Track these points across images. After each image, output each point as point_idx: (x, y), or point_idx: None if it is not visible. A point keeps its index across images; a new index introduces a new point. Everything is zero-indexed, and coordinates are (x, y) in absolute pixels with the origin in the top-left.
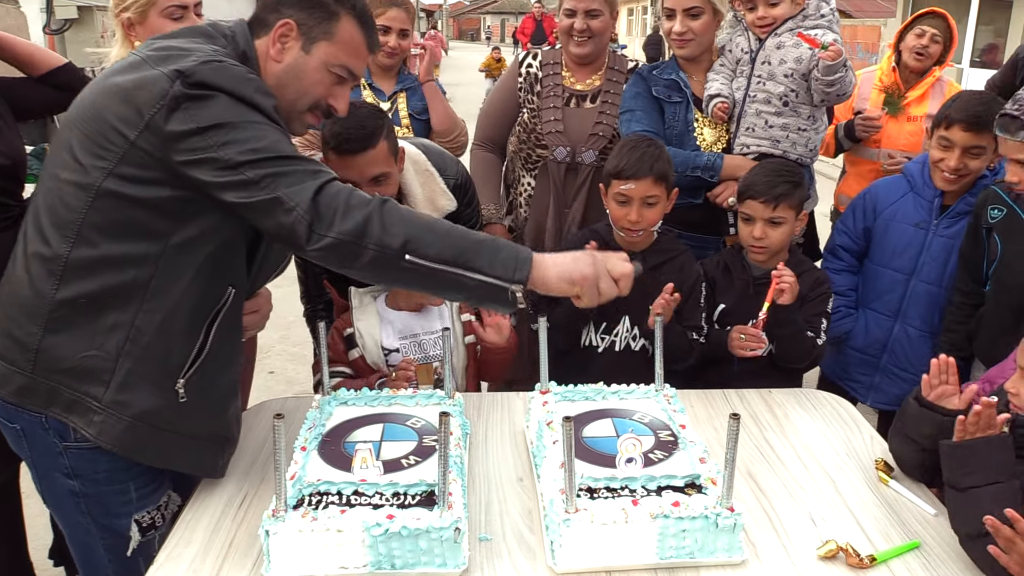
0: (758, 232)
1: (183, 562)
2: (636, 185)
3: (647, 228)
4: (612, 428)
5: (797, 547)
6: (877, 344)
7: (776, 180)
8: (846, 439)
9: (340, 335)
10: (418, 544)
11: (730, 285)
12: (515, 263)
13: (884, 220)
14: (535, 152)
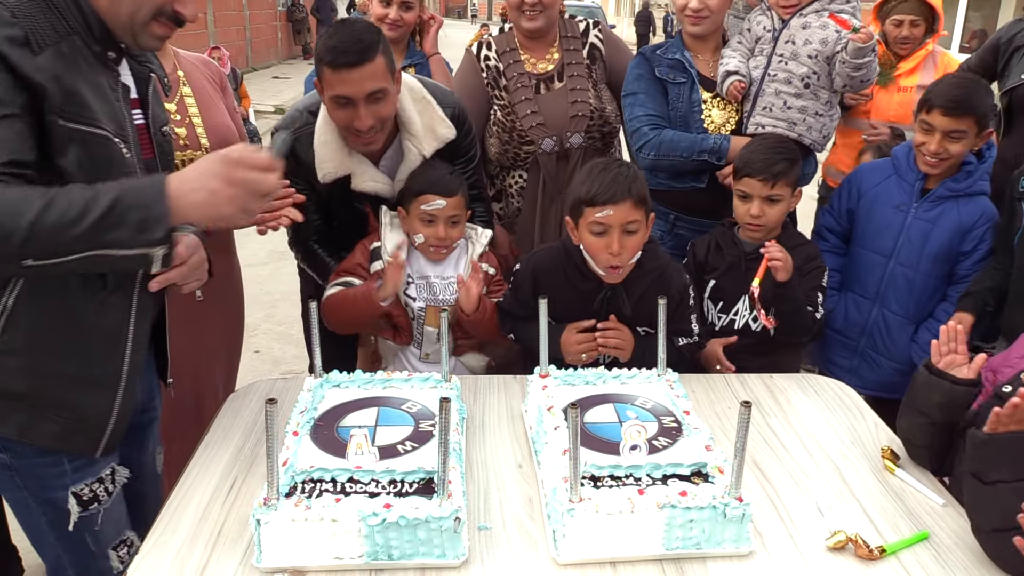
0: (755, 210)
1: (169, 550)
2: (614, 211)
3: (629, 260)
4: (614, 414)
5: (805, 538)
6: (856, 327)
7: (775, 157)
8: (850, 426)
9: (367, 249)
10: (416, 534)
11: (721, 261)
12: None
13: (867, 202)
14: (521, 150)
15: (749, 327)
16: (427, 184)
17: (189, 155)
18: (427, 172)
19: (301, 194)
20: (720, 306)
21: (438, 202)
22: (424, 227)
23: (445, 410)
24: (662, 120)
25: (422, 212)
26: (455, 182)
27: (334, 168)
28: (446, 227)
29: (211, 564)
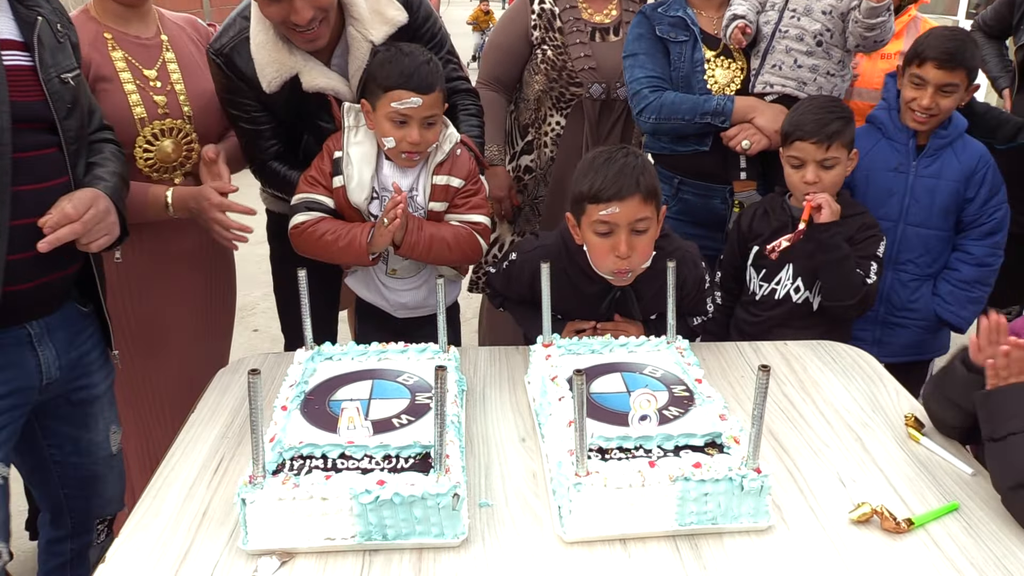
0: (811, 176)
1: (151, 533)
2: (621, 208)
3: (639, 264)
4: (622, 383)
5: (826, 510)
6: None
7: (827, 117)
8: (870, 394)
9: (329, 156)
10: (412, 512)
11: (766, 226)
12: None
13: (862, 171)
14: (568, 90)
15: (790, 298)
16: (399, 76)
17: (168, 124)
18: (399, 60)
19: (253, 116)
20: (762, 274)
21: (412, 100)
22: (394, 129)
23: (441, 379)
24: (663, 82)
25: (392, 111)
26: (433, 74)
27: (277, 72)
28: (421, 129)
29: (195, 547)
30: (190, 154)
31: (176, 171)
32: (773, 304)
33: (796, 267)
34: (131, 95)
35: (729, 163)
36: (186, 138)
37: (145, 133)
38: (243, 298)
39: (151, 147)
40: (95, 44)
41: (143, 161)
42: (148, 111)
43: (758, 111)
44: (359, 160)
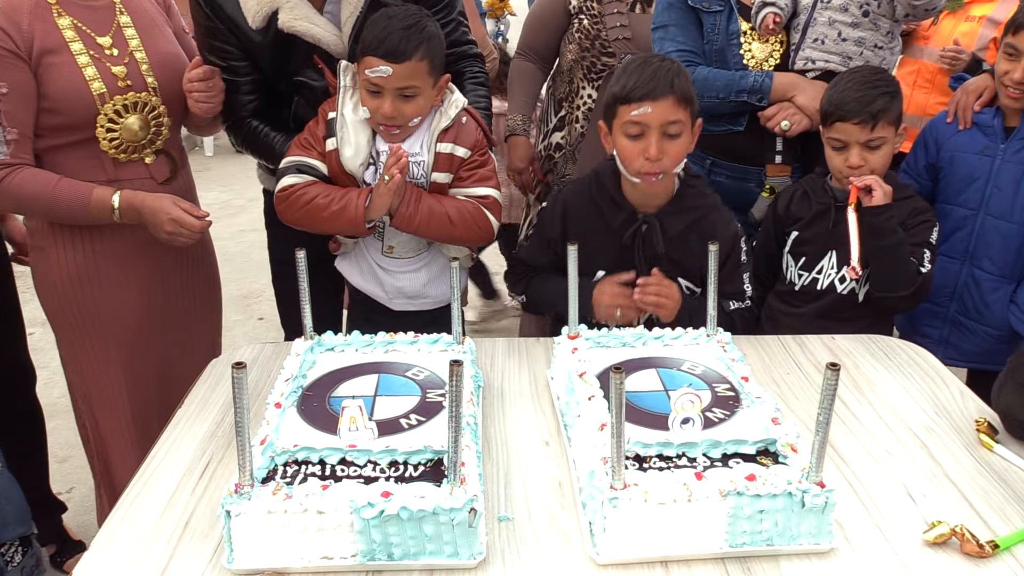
0: (855, 159)
1: (124, 547)
2: (653, 108)
3: (670, 168)
4: (658, 380)
5: (896, 530)
6: (945, 292)
7: (871, 94)
8: (932, 395)
9: (324, 117)
10: (422, 529)
11: (806, 210)
12: None
13: (948, 152)
14: (600, 60)
15: (834, 287)
16: (372, 41)
17: (132, 98)
18: (377, 23)
19: (232, 65)
20: (802, 262)
21: (381, 68)
22: (369, 99)
23: (456, 376)
24: (696, 56)
25: (365, 79)
26: (411, 41)
27: (258, 3)
28: (394, 101)
29: (173, 564)
30: (160, 129)
31: (145, 150)
32: (815, 295)
33: (840, 254)
34: (86, 68)
35: (765, 144)
36: (153, 112)
37: (106, 111)
38: (249, 285)
39: (115, 126)
40: (36, 11)
41: (108, 143)
42: (108, 85)
43: (799, 89)
44: (355, 123)
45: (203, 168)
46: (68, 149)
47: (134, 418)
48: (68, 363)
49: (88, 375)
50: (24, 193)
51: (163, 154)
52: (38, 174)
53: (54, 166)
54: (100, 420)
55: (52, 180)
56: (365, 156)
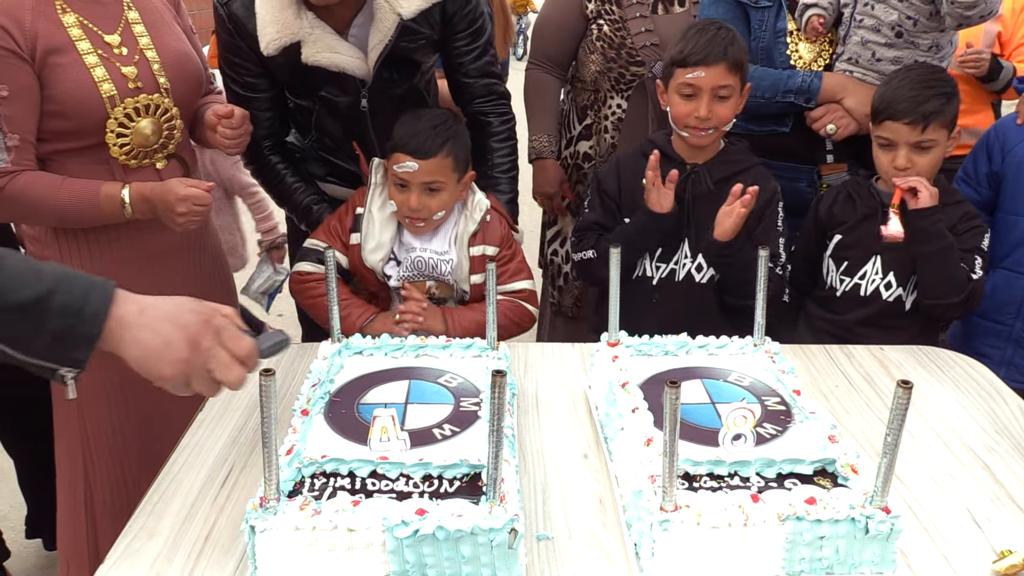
0: (902, 161)
1: (143, 559)
2: (706, 73)
3: (718, 126)
4: (704, 392)
5: (962, 559)
6: (1009, 308)
7: (925, 94)
8: (991, 412)
9: (352, 210)
10: (459, 550)
11: (851, 213)
12: (71, 338)
13: (1016, 159)
14: (628, 71)
15: (879, 294)
16: (400, 139)
17: (143, 100)
18: (406, 121)
19: (247, 81)
20: (844, 267)
21: (408, 164)
22: (396, 192)
23: (499, 387)
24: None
25: (393, 173)
26: (438, 139)
27: (277, 33)
28: (420, 196)
29: None
30: (172, 132)
31: (157, 154)
32: (857, 301)
33: (886, 260)
34: (94, 69)
35: (815, 144)
36: (166, 115)
37: (116, 114)
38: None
39: (126, 130)
40: (39, 8)
41: (118, 148)
42: (118, 87)
43: (848, 91)
44: (382, 220)
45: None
46: (75, 154)
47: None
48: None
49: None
50: (29, 198)
51: (175, 158)
52: (41, 176)
53: (59, 172)
54: (92, 442)
55: (57, 181)
56: (386, 252)
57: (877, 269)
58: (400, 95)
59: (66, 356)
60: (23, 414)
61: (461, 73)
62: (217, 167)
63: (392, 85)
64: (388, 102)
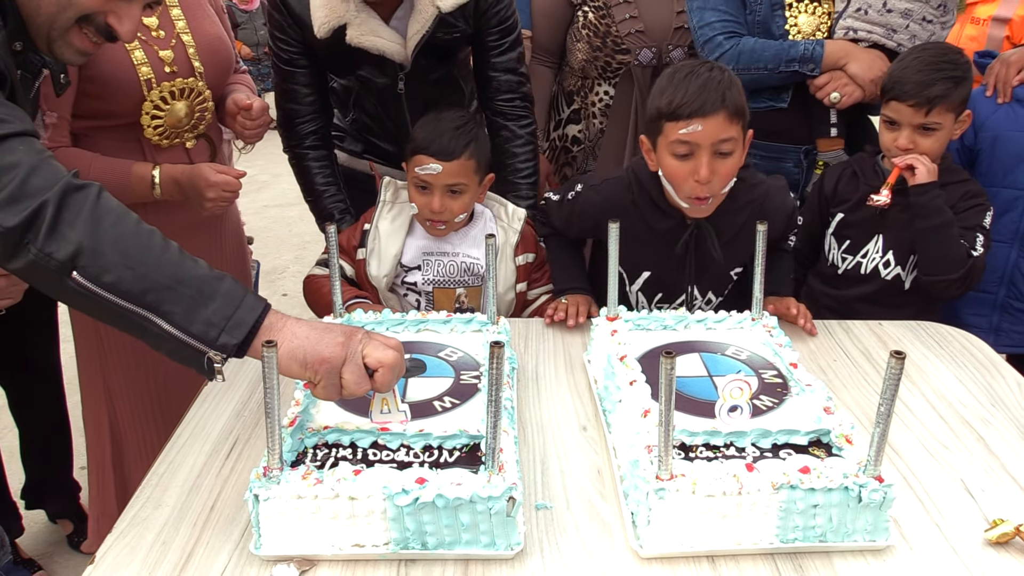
0: (904, 141)
1: (150, 529)
2: (704, 126)
3: (720, 190)
4: (702, 366)
5: (955, 527)
6: (993, 277)
7: (933, 77)
8: (986, 385)
9: (360, 227)
10: (458, 518)
11: (854, 191)
12: (226, 323)
13: (989, 134)
14: (614, 59)
15: (879, 273)
16: (423, 141)
17: (179, 84)
18: (429, 123)
19: (294, 57)
20: (846, 246)
21: (431, 166)
22: (417, 195)
23: (497, 358)
24: (739, 26)
25: (415, 176)
26: (460, 141)
27: (326, 17)
28: (442, 198)
29: (198, 549)
30: (204, 114)
31: (187, 134)
32: (858, 279)
33: (887, 238)
34: (133, 52)
35: (816, 118)
36: (199, 97)
37: (152, 97)
38: (272, 261)
39: (160, 112)
40: None
41: (152, 129)
42: (155, 71)
43: (852, 57)
44: (387, 237)
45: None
46: (108, 132)
47: (153, 400)
48: (86, 346)
49: (109, 357)
50: None
51: (204, 138)
52: (73, 153)
53: (91, 149)
54: (117, 403)
55: (88, 159)
56: (390, 269)
57: (879, 248)
58: (435, 80)
59: (219, 339)
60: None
61: (488, 67)
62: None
63: (428, 71)
64: (423, 86)
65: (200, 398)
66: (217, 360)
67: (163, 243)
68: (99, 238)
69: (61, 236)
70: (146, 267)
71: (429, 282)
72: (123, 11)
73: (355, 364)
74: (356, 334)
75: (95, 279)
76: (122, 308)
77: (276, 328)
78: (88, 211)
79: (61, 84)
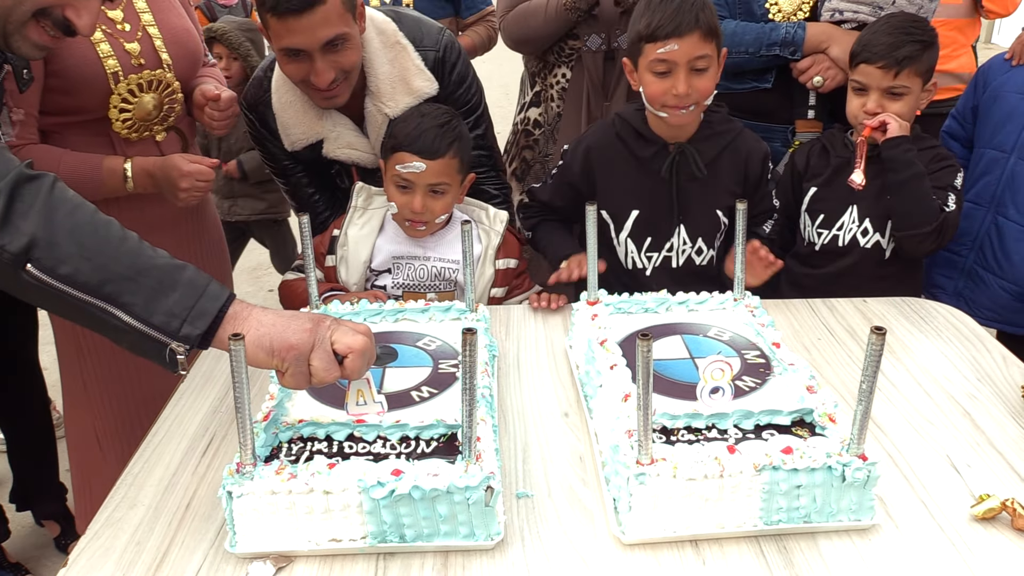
0: (872, 105)
1: (124, 529)
2: (680, 45)
3: (699, 101)
4: (684, 348)
5: (941, 504)
6: (965, 240)
7: (901, 39)
8: (972, 360)
9: (330, 234)
10: (436, 509)
11: (825, 165)
12: (188, 313)
13: (992, 92)
14: (567, 44)
15: (857, 243)
16: (405, 138)
17: (147, 76)
18: (411, 121)
19: (285, 171)
20: (820, 220)
21: (414, 165)
22: (398, 194)
23: (470, 345)
24: (721, 7)
25: (396, 174)
26: (444, 140)
27: (303, 134)
28: (424, 197)
29: (173, 549)
30: (173, 106)
31: (157, 127)
32: (837, 253)
33: (862, 207)
34: (99, 44)
35: (796, 99)
36: (167, 89)
37: (120, 90)
38: (257, 257)
39: (128, 105)
40: None
41: (120, 123)
42: (122, 64)
43: (834, 40)
44: (355, 243)
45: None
46: (76, 127)
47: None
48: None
49: (89, 358)
50: None
51: (174, 131)
52: (43, 150)
53: (60, 145)
54: (98, 405)
55: (57, 154)
56: (361, 274)
57: (854, 218)
58: None
59: (181, 329)
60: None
61: None
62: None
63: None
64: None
65: (176, 396)
66: (180, 352)
67: (121, 233)
68: (54, 229)
69: (14, 228)
70: (104, 258)
71: (399, 286)
72: (81, 4)
73: (323, 350)
74: (324, 320)
75: (51, 271)
76: (80, 301)
77: (241, 317)
78: (42, 202)
79: (24, 80)
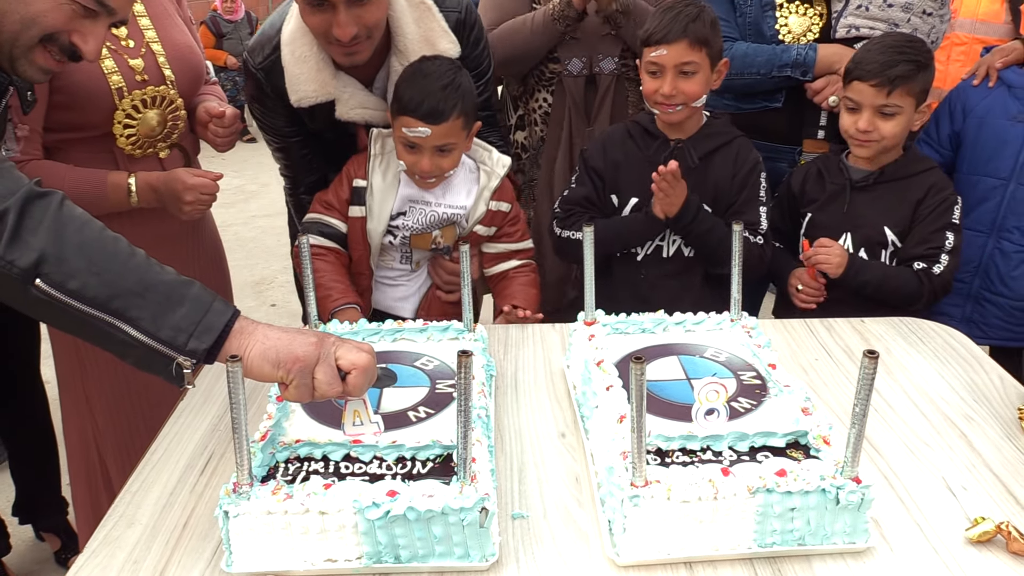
0: (864, 123)
1: (122, 547)
2: (667, 51)
3: (685, 102)
4: (680, 369)
5: (936, 527)
6: (968, 266)
7: (895, 59)
8: (969, 381)
9: (349, 182)
10: (431, 530)
11: (820, 191)
12: (195, 327)
13: (976, 119)
14: (547, 68)
15: None
16: (410, 102)
17: (151, 92)
18: (415, 82)
19: (281, 132)
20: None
21: (420, 130)
22: (406, 153)
23: (465, 366)
24: (731, 29)
25: (403, 135)
26: (448, 102)
27: (314, 91)
28: (432, 157)
29: (170, 567)
30: (176, 123)
31: (160, 144)
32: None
33: (856, 236)
34: (104, 61)
35: (806, 119)
36: (171, 106)
37: (124, 106)
38: (261, 272)
39: (132, 121)
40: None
41: (124, 139)
42: (126, 80)
43: (846, 60)
44: (381, 193)
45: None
46: (80, 144)
47: (135, 415)
48: (66, 361)
49: (90, 372)
50: None
51: (177, 147)
52: (47, 166)
53: (64, 162)
54: (99, 418)
55: (62, 170)
56: (384, 225)
57: (848, 248)
58: None
59: (187, 344)
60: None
61: None
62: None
63: None
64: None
65: (176, 414)
66: (186, 366)
67: (129, 249)
68: (63, 245)
69: (23, 243)
70: (112, 273)
71: (408, 228)
72: (87, 30)
73: (328, 365)
74: (329, 337)
75: (60, 286)
76: (88, 315)
77: (247, 332)
78: (51, 218)
79: (28, 102)
